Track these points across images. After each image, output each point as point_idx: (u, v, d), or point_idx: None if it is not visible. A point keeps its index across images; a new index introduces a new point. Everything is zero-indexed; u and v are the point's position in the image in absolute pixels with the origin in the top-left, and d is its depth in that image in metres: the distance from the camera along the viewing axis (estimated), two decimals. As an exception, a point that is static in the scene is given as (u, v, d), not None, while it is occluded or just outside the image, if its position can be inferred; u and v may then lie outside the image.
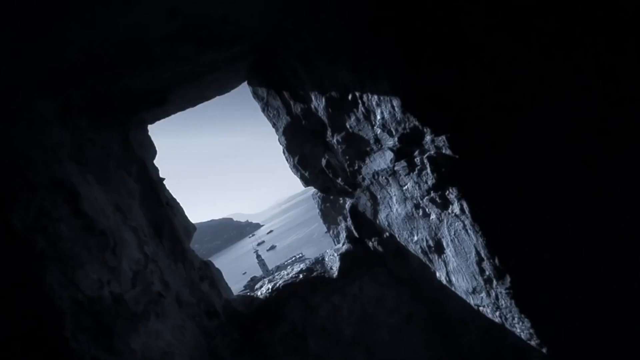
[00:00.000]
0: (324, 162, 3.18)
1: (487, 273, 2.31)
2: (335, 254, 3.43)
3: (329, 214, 3.60)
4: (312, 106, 2.97)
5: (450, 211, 2.34)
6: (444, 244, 2.54)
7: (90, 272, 2.04)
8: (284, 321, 3.14)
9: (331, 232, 3.75)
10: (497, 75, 2.15)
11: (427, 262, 2.80)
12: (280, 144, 3.56)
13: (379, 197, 2.90)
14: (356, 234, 3.34)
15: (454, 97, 2.17)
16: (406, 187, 2.56)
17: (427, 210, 2.52)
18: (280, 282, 3.35)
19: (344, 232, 3.53)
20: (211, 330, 2.98)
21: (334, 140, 2.94)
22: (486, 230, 2.20)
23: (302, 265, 3.52)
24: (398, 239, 2.94)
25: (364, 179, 2.93)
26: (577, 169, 2.16)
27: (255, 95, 3.64)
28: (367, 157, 2.76)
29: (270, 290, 3.31)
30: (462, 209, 2.24)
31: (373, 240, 3.19)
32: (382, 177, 2.72)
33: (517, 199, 2.18)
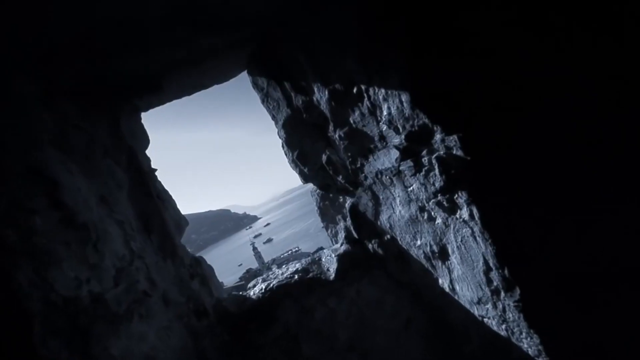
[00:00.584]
0: (324, 158, 3.01)
1: (494, 284, 2.16)
2: (333, 255, 3.28)
3: (327, 213, 3.45)
4: (314, 99, 2.80)
5: (458, 216, 2.19)
6: (449, 250, 2.39)
7: (67, 269, 1.88)
8: (277, 323, 2.99)
9: (329, 231, 3.61)
10: (511, 74, 1.99)
11: (430, 268, 2.65)
12: (280, 137, 3.39)
13: (381, 197, 2.74)
14: (355, 235, 3.19)
15: (467, 95, 2.01)
16: (411, 188, 2.40)
17: (432, 214, 2.36)
18: (274, 282, 3.20)
19: (342, 232, 3.38)
20: (200, 331, 2.83)
21: (336, 136, 2.77)
22: (496, 238, 2.05)
23: (298, 265, 3.37)
24: (400, 242, 2.79)
25: (366, 177, 2.77)
26: (595, 175, 2.00)
27: (255, 85, 3.47)
28: (371, 155, 2.60)
29: (263, 290, 3.16)
30: (471, 215, 2.09)
31: (373, 242, 3.04)
32: (385, 176, 2.56)
33: (530, 206, 2.02)
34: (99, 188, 2.44)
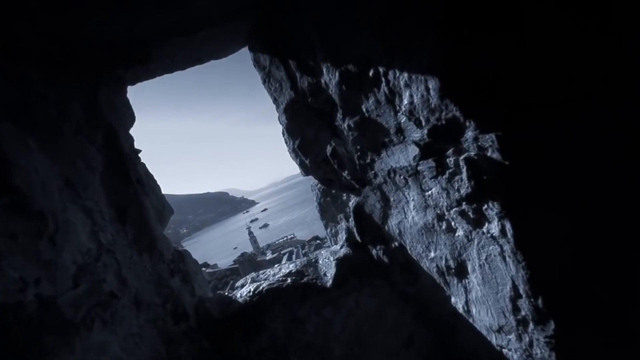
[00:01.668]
0: (329, 149, 2.66)
1: (522, 313, 1.82)
2: (331, 258, 2.94)
3: (328, 210, 3.11)
4: (323, 81, 2.43)
5: (485, 230, 1.84)
6: (469, 267, 2.04)
7: (8, 268, 1.53)
8: (264, 333, 2.67)
9: (329, 230, 3.28)
10: (568, 64, 1.62)
11: (442, 284, 2.31)
12: (280, 123, 3.03)
13: (392, 199, 2.39)
14: (358, 238, 2.85)
15: (511, 86, 1.64)
16: (430, 192, 2.05)
17: (453, 224, 2.01)
18: (264, 284, 2.87)
19: (343, 232, 3.04)
20: (176, 337, 2.50)
21: (345, 125, 2.41)
22: (531, 261, 1.70)
23: (292, 267, 3.03)
24: (409, 252, 2.45)
25: (376, 175, 2.41)
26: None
27: (257, 63, 3.09)
28: (384, 150, 2.24)
29: (251, 293, 2.83)
30: (502, 231, 1.74)
31: (378, 247, 2.70)
32: (399, 176, 2.21)
33: (578, 228, 1.67)
34: (64, 170, 2.08)
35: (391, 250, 2.60)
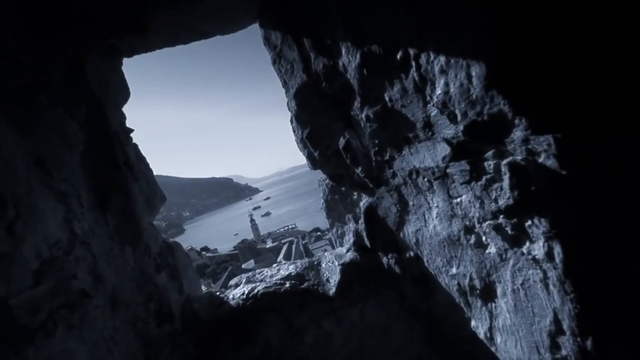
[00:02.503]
0: (342, 142, 2.35)
1: (563, 352, 1.52)
2: (336, 262, 2.65)
3: (335, 208, 2.83)
4: (340, 63, 2.12)
5: (525, 251, 1.53)
6: (499, 291, 1.74)
7: (-55, 263, 1.25)
8: (257, 341, 2.39)
9: (334, 230, 3.01)
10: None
11: (462, 304, 2.01)
12: (289, 109, 2.73)
13: (411, 203, 2.08)
14: (367, 243, 2.55)
15: (582, 76, 1.32)
16: (459, 200, 1.74)
17: (484, 239, 1.71)
18: (260, 286, 2.59)
19: (351, 235, 2.74)
20: (157, 341, 2.23)
21: (362, 115, 2.10)
22: (583, 294, 1.40)
23: (291, 269, 2.75)
24: (426, 264, 2.15)
25: (394, 174, 2.11)
26: None
27: (267, 41, 2.78)
28: (407, 147, 1.93)
29: (245, 295, 2.55)
30: (549, 253, 1.43)
31: (389, 255, 2.40)
32: (423, 178, 1.90)
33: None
34: (36, 146, 1.79)
35: (405, 260, 2.30)
